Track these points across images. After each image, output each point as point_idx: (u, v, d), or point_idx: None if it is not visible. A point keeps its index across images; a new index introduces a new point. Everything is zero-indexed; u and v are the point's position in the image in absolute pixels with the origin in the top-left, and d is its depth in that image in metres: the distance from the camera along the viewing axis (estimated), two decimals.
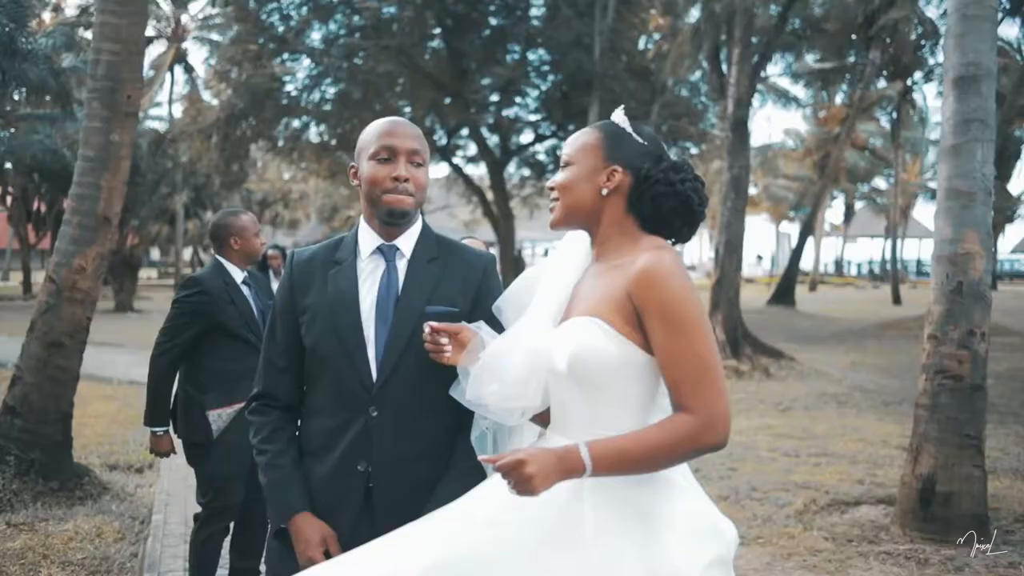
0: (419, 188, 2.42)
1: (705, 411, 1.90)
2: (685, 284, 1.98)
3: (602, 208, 2.16)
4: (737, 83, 13.39)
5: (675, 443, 1.89)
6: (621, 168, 2.15)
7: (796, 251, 30.06)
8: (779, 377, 12.15)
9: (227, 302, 4.21)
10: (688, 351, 1.93)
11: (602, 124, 2.23)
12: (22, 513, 5.70)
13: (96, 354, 11.49)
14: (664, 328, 1.95)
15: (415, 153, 2.41)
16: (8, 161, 33.42)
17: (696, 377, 1.92)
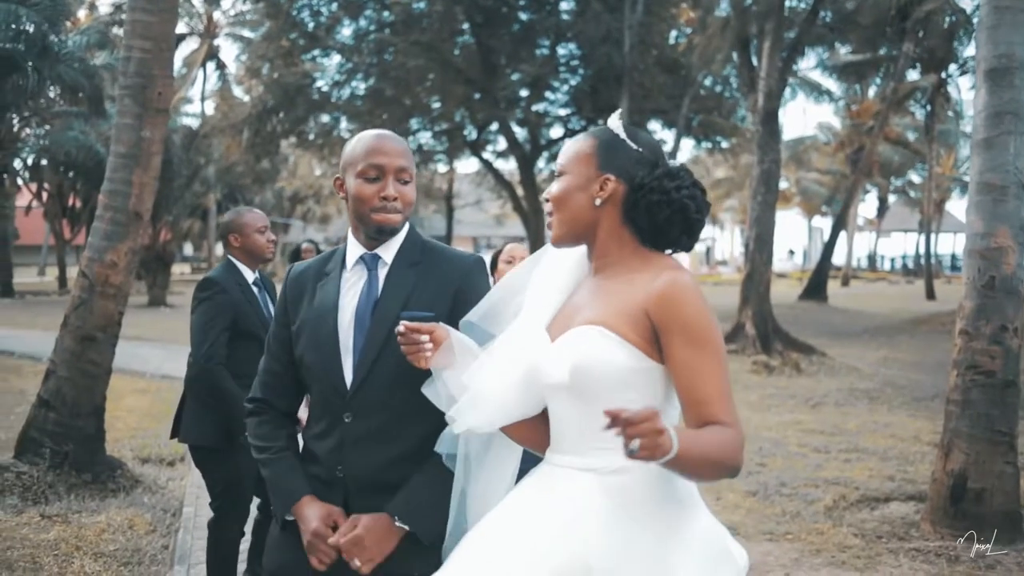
0: (407, 205, 2.42)
1: (739, 427, 1.86)
2: (706, 305, 1.94)
3: (598, 219, 2.08)
4: (767, 76, 13.29)
5: (732, 452, 1.83)
6: (615, 177, 2.06)
7: (828, 246, 29.76)
8: (810, 372, 12.07)
9: (244, 302, 4.14)
10: (717, 369, 1.88)
11: (597, 131, 2.15)
12: (56, 505, 5.79)
13: (129, 348, 11.62)
14: (691, 347, 1.89)
15: (403, 171, 2.40)
16: (43, 158, 33.87)
17: (727, 394, 1.87)
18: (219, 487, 4.19)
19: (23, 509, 5.66)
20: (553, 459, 2.06)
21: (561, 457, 2.02)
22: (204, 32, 42.32)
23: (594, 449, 1.96)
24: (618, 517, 1.88)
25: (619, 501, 1.90)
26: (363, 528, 2.27)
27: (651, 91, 23.65)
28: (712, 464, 1.78)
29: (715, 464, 1.79)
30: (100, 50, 28.28)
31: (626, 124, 2.15)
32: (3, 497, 5.84)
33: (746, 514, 6.03)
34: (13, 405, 9.18)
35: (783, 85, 14.83)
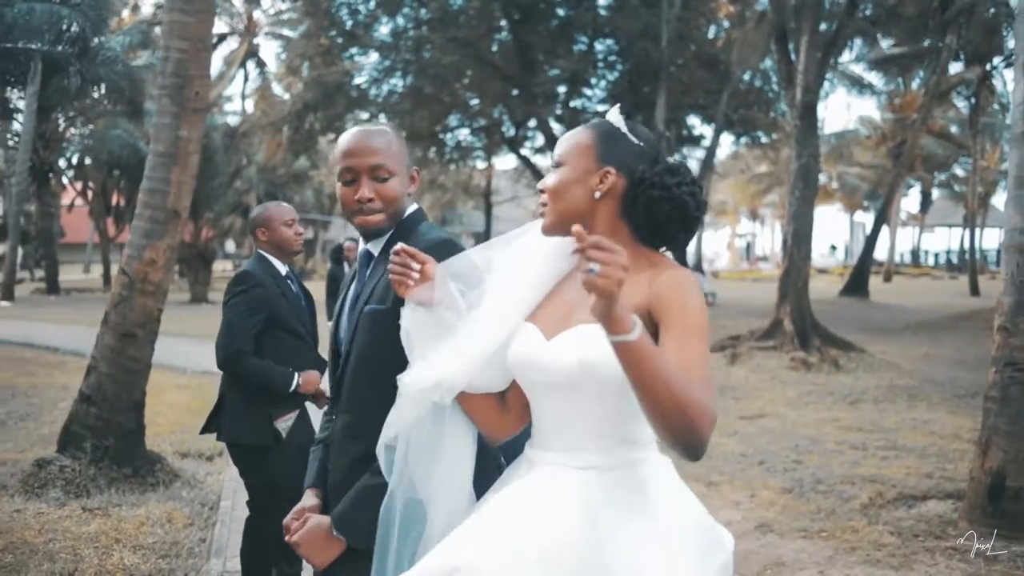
0: (388, 201, 2.33)
1: (711, 405, 1.76)
2: (704, 303, 1.92)
3: (595, 212, 2.03)
4: (805, 71, 13.17)
5: (694, 403, 1.69)
6: (615, 170, 2.02)
7: (869, 241, 29.48)
8: (848, 369, 11.96)
9: (279, 295, 4.15)
10: (701, 358, 1.82)
11: (596, 123, 2.11)
12: (97, 498, 5.90)
13: (170, 345, 11.77)
14: (684, 332, 1.84)
15: (378, 168, 2.32)
16: (88, 157, 34.38)
17: (707, 381, 1.79)
18: (257, 486, 4.22)
19: (65, 502, 5.79)
20: (545, 458, 2.00)
21: (555, 455, 1.98)
22: (244, 31, 42.73)
23: (592, 447, 1.95)
24: (622, 513, 1.88)
25: (621, 497, 1.90)
26: (302, 533, 2.26)
27: (689, 86, 23.54)
28: (669, 392, 1.67)
29: (672, 395, 1.67)
30: (143, 50, 28.67)
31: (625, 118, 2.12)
32: (46, 490, 5.97)
33: (781, 511, 6.00)
34: (57, 400, 9.36)
35: (821, 79, 14.68)
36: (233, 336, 4.09)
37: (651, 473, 1.97)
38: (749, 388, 10.87)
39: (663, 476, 1.99)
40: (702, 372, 1.80)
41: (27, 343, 16.18)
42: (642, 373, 1.67)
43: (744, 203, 60.21)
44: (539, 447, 2.04)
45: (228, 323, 4.13)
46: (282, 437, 4.06)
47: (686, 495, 2.01)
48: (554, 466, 1.97)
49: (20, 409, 9.44)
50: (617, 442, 1.96)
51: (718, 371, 12.15)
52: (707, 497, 6.43)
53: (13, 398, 10.14)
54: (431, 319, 2.04)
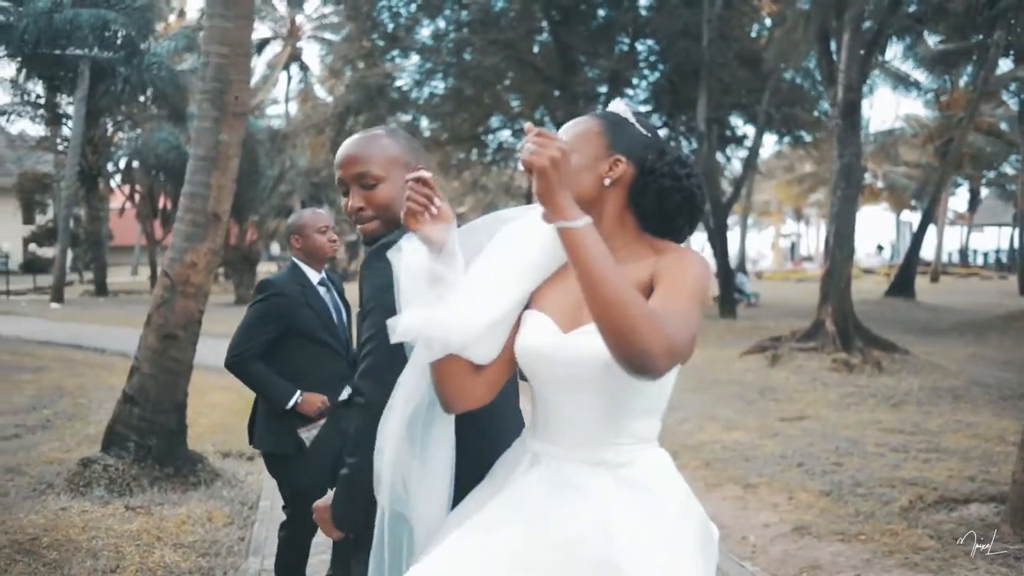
0: (379, 208, 2.33)
1: (674, 338, 1.69)
2: (705, 276, 1.90)
3: (603, 200, 2.00)
4: (847, 69, 13.03)
5: (643, 314, 1.66)
6: (625, 158, 2.00)
7: (915, 241, 29.09)
8: (891, 371, 11.80)
9: (303, 304, 4.11)
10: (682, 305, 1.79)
11: (603, 112, 2.08)
12: (139, 497, 6.01)
13: (214, 346, 11.86)
14: (672, 286, 1.84)
15: (363, 176, 2.33)
16: (135, 161, 34.90)
17: (680, 320, 1.75)
18: (285, 495, 4.25)
19: (109, 500, 5.90)
20: (554, 452, 1.98)
21: (566, 450, 1.96)
22: (287, 35, 43.14)
23: (604, 443, 1.95)
24: (633, 510, 1.88)
25: (632, 494, 1.90)
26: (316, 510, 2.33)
27: (731, 85, 23.39)
28: (613, 293, 1.65)
29: (616, 298, 1.65)
30: (188, 54, 29.07)
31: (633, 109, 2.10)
32: (91, 489, 6.09)
33: (819, 514, 5.95)
34: (103, 400, 9.53)
35: (863, 78, 14.52)
36: (241, 341, 4.13)
37: (655, 468, 1.99)
38: (790, 390, 10.79)
39: (665, 471, 2.01)
40: (678, 314, 1.76)
41: (75, 344, 16.51)
42: (585, 266, 1.67)
43: (788, 203, 59.67)
44: (546, 440, 2.01)
45: (241, 327, 4.17)
46: (305, 446, 4.05)
47: (686, 490, 2.02)
48: (565, 461, 1.96)
49: (67, 409, 9.63)
50: (627, 438, 1.96)
51: (758, 372, 12.08)
52: (744, 499, 6.42)
53: (61, 398, 10.34)
54: (429, 267, 1.93)
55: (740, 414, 9.42)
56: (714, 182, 23.26)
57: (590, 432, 1.95)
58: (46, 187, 44.72)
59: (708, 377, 11.89)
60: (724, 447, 7.91)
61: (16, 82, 29.18)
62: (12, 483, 6.41)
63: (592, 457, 1.94)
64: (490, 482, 2.07)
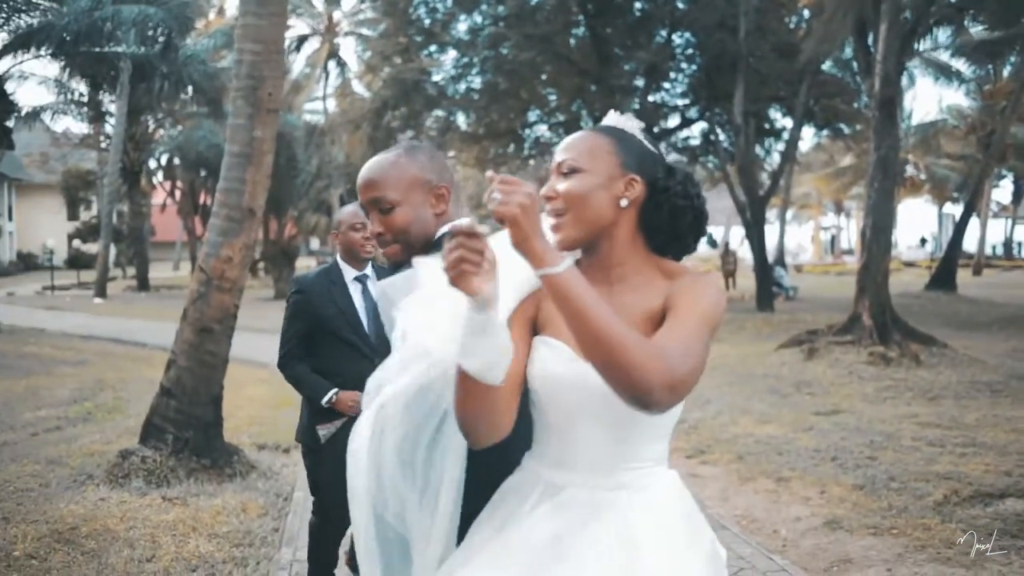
0: (397, 232, 2.28)
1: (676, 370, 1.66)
2: (720, 301, 1.87)
3: (618, 222, 1.92)
4: (884, 60, 12.88)
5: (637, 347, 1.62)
6: (639, 178, 1.93)
7: (957, 233, 28.71)
8: (929, 364, 11.66)
9: (328, 302, 4.09)
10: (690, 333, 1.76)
11: (608, 128, 2.00)
12: (176, 488, 6.12)
13: (252, 339, 12.10)
14: (684, 313, 1.80)
15: (378, 201, 2.28)
16: (176, 157, 35.33)
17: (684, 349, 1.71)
18: (310, 485, 4.31)
19: (147, 491, 6.01)
20: (572, 479, 1.91)
21: (585, 477, 1.90)
22: (325, 31, 43.39)
23: (624, 468, 1.91)
24: (657, 535, 1.86)
25: (653, 519, 1.87)
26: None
27: (768, 78, 23.20)
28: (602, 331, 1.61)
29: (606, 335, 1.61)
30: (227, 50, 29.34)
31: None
32: (129, 480, 6.21)
33: (851, 508, 5.93)
34: (143, 393, 9.67)
35: (901, 69, 14.37)
36: (282, 342, 4.20)
37: (670, 490, 1.96)
38: (825, 383, 10.71)
39: (679, 493, 1.98)
40: (684, 345, 1.72)
41: (117, 339, 16.80)
42: (572, 309, 1.63)
43: (829, 196, 59.08)
44: (561, 468, 1.94)
45: (281, 334, 4.24)
46: (320, 443, 4.08)
47: (697, 511, 2.00)
48: (583, 488, 1.90)
49: (108, 402, 9.82)
50: (644, 461, 1.93)
51: (794, 366, 11.99)
52: (776, 493, 6.40)
53: (102, 391, 10.54)
54: (474, 317, 1.70)
55: (774, 408, 9.38)
56: (751, 175, 23.09)
57: (608, 458, 1.91)
58: (90, 184, 45.45)
59: (743, 371, 11.85)
60: (757, 441, 7.88)
61: (60, 81, 29.66)
62: (53, 474, 6.55)
63: (611, 483, 1.90)
64: (495, 513, 1.98)
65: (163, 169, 40.54)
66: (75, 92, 30.37)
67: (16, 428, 8.40)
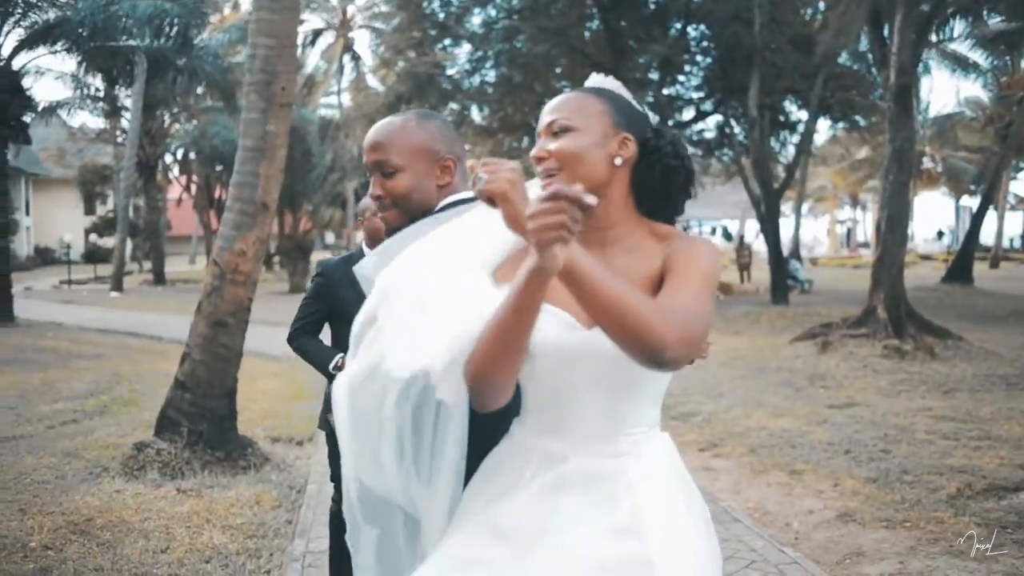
0: (396, 198, 2.24)
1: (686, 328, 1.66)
2: (717, 264, 1.86)
3: (612, 181, 1.89)
4: (899, 51, 12.82)
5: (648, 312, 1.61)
6: (632, 137, 1.90)
7: (973, 226, 28.56)
8: (945, 357, 11.61)
9: (346, 286, 4.06)
10: (692, 294, 1.75)
11: (596, 88, 1.97)
12: (191, 480, 6.17)
13: (267, 333, 12.13)
14: (684, 275, 1.80)
15: (381, 164, 2.24)
16: (192, 152, 35.48)
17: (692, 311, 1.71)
18: (331, 474, 4.31)
19: (161, 483, 6.06)
20: (571, 448, 1.88)
21: (588, 446, 1.87)
22: (339, 26, 43.44)
23: (624, 433, 1.89)
24: (662, 497, 1.86)
25: (657, 483, 1.87)
26: None
27: (783, 70, 23.09)
28: (617, 301, 1.59)
29: (622, 304, 1.59)
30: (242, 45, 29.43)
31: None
32: (144, 472, 6.26)
33: (864, 500, 5.92)
34: (158, 387, 9.71)
35: (917, 61, 14.29)
36: (295, 319, 4.22)
37: (665, 454, 1.97)
38: (840, 377, 10.68)
39: (673, 453, 1.99)
40: (690, 303, 1.73)
41: (133, 332, 16.88)
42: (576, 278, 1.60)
43: (845, 189, 58.83)
44: (561, 436, 1.90)
45: (297, 310, 4.27)
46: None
47: (685, 470, 2.00)
48: (587, 457, 1.87)
49: (124, 395, 9.88)
50: (641, 426, 1.92)
51: (808, 359, 11.96)
52: (789, 485, 6.39)
53: (118, 384, 10.61)
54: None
55: (788, 401, 9.36)
56: (766, 168, 23.00)
57: (608, 424, 1.88)
58: (106, 178, 45.70)
59: (757, 364, 11.83)
60: (771, 434, 7.87)
61: (76, 76, 29.81)
62: (69, 466, 6.60)
63: (611, 450, 1.88)
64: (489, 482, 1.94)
65: (179, 163, 40.72)
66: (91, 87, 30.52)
67: (33, 421, 8.47)
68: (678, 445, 2.08)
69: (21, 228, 42.47)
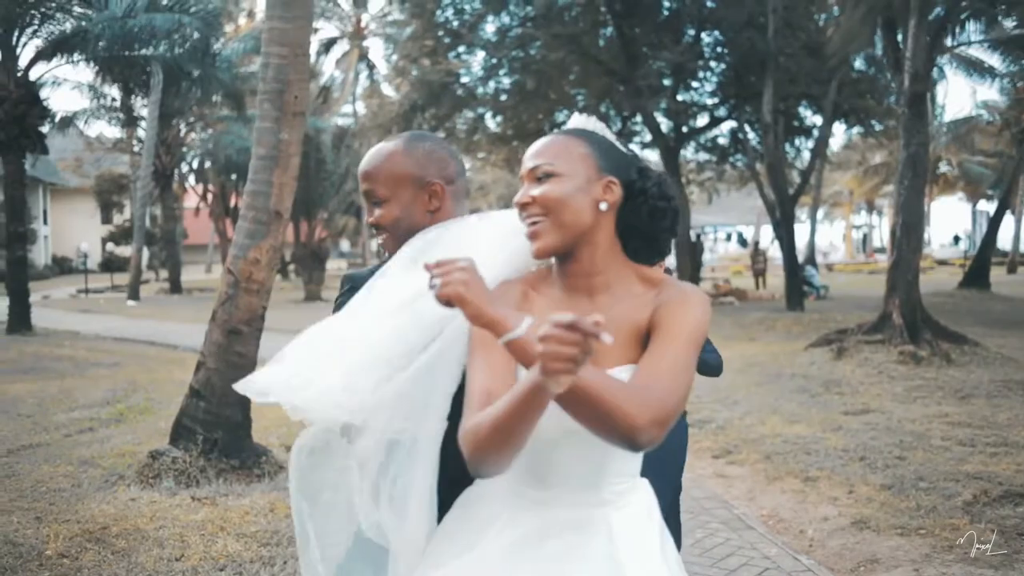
0: (388, 223, 2.28)
1: (660, 408, 1.62)
2: (706, 318, 1.82)
3: (598, 227, 1.86)
4: (913, 56, 12.78)
5: (619, 399, 1.57)
6: (618, 181, 1.87)
7: (990, 231, 28.41)
8: (961, 363, 11.54)
9: None
10: (674, 363, 1.72)
11: (578, 130, 1.94)
12: (205, 488, 6.19)
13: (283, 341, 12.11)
14: (667, 337, 1.76)
15: (369, 194, 2.29)
16: (208, 160, 35.65)
17: (671, 385, 1.67)
18: None
19: (176, 491, 6.09)
20: (553, 496, 1.85)
21: (568, 495, 1.84)
22: (353, 34, 43.59)
23: (606, 484, 1.86)
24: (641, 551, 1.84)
25: (637, 533, 1.86)
26: None
27: (797, 75, 23.05)
28: (587, 391, 1.53)
29: (592, 392, 1.53)
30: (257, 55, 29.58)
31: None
32: (159, 480, 6.29)
33: (879, 508, 5.89)
34: (174, 395, 9.77)
35: (931, 65, 14.24)
36: None
37: (645, 501, 1.94)
38: (855, 383, 10.64)
39: (651, 502, 1.97)
40: (670, 374, 1.69)
41: (149, 341, 16.98)
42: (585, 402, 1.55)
43: (861, 194, 58.63)
44: (544, 485, 1.86)
45: None
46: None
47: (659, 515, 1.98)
48: (570, 506, 1.84)
49: (140, 403, 9.93)
50: (624, 476, 1.90)
51: (823, 365, 11.91)
52: (803, 492, 6.37)
53: (134, 393, 10.66)
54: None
55: (803, 407, 9.33)
56: (780, 174, 22.95)
57: (593, 475, 1.85)
58: (123, 188, 45.99)
59: (772, 371, 11.79)
60: (785, 440, 7.84)
61: (93, 86, 30.03)
62: (85, 474, 6.65)
63: (596, 500, 1.85)
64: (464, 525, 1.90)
65: (195, 172, 40.93)
66: (108, 97, 30.75)
67: (50, 429, 8.52)
68: (692, 452, 2.09)
69: (39, 237, 42.78)
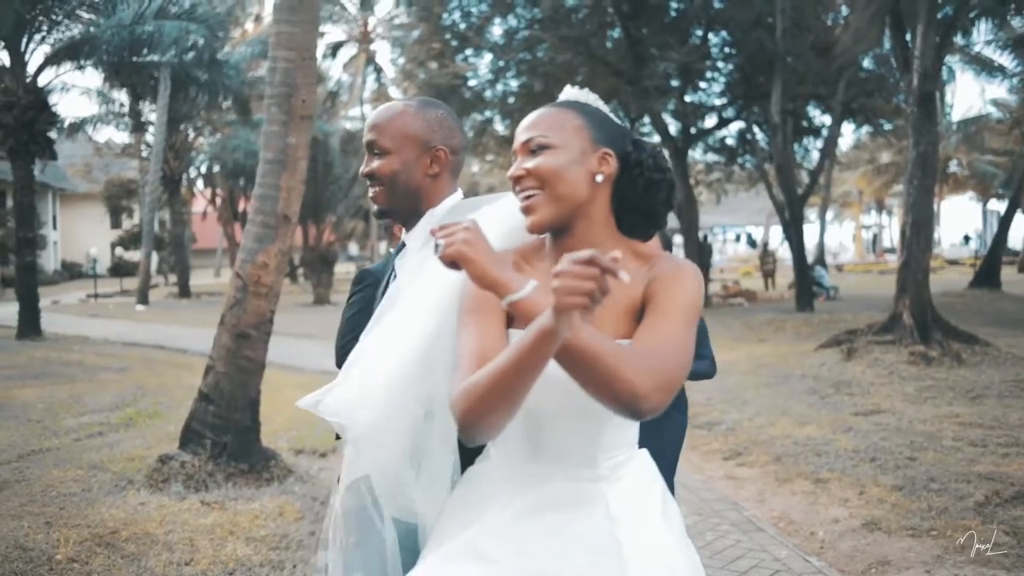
0: (384, 176, 2.27)
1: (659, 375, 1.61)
2: (700, 291, 1.81)
3: (594, 199, 1.84)
4: (922, 55, 12.73)
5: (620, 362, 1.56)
6: (613, 153, 1.85)
7: (1001, 230, 28.30)
8: (971, 363, 11.49)
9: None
10: (671, 335, 1.70)
11: (572, 103, 1.91)
12: (215, 492, 6.19)
13: (291, 344, 12.20)
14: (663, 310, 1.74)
15: (371, 144, 2.28)
16: (215, 165, 35.73)
17: (670, 355, 1.66)
18: None
19: (185, 496, 6.09)
20: (550, 471, 1.85)
21: (568, 470, 1.85)
22: (360, 38, 43.64)
23: (605, 457, 1.86)
24: (641, 522, 1.84)
25: (636, 505, 1.86)
26: None
27: (805, 76, 22.99)
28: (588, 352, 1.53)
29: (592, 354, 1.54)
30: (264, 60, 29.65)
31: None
32: (169, 484, 6.29)
33: (890, 509, 5.86)
34: (183, 399, 9.77)
35: (940, 64, 14.19)
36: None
37: (644, 472, 1.95)
38: (865, 384, 10.59)
39: (651, 472, 1.97)
40: (668, 343, 1.68)
41: (159, 345, 17.01)
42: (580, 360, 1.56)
43: (870, 194, 58.47)
44: (541, 461, 1.87)
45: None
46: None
47: (663, 483, 1.98)
48: (567, 481, 1.84)
49: (149, 408, 9.94)
50: (622, 448, 1.90)
51: (833, 366, 11.87)
52: (814, 494, 6.34)
53: (143, 397, 10.68)
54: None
55: (813, 409, 9.29)
56: (789, 174, 22.89)
57: (589, 449, 1.85)
58: (131, 193, 46.10)
59: (781, 372, 11.75)
60: (795, 442, 7.81)
61: (101, 92, 30.14)
62: (95, 479, 6.65)
63: (591, 473, 1.85)
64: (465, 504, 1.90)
65: (203, 177, 41.02)
66: (116, 102, 30.85)
67: (59, 434, 8.53)
68: (702, 454, 2.07)
69: (48, 243, 42.90)
